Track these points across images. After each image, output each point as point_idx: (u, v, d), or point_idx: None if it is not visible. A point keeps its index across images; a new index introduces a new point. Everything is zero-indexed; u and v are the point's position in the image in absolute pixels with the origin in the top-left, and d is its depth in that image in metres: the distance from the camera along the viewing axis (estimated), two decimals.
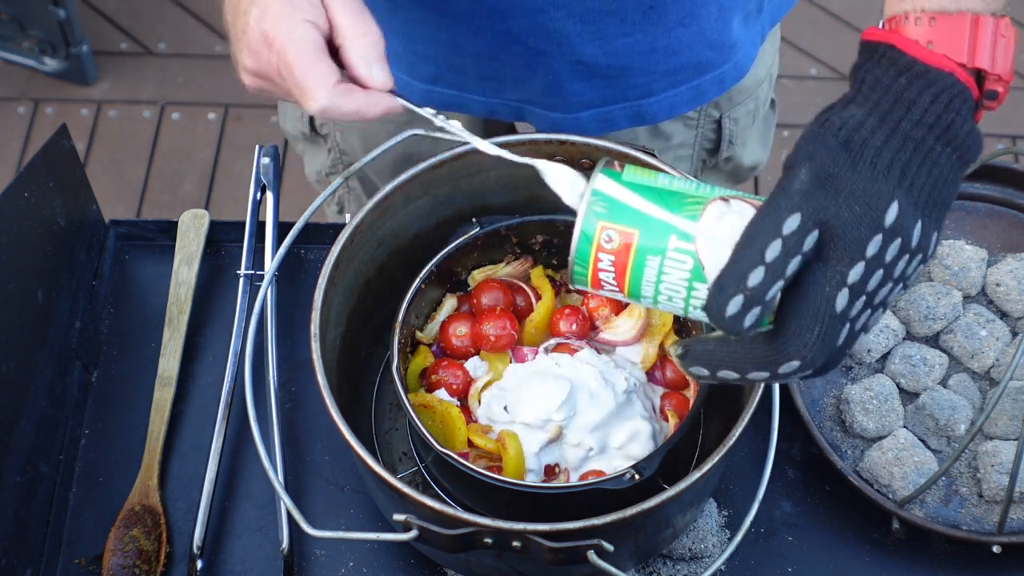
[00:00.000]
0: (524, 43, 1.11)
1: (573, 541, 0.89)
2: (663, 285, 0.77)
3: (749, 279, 0.70)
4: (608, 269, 0.77)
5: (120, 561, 1.10)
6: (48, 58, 2.70)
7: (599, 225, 0.76)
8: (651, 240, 0.76)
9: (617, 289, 0.78)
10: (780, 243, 0.70)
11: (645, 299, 0.78)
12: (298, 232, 1.05)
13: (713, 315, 0.71)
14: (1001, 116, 2.70)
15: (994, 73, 0.77)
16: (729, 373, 0.75)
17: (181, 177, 2.62)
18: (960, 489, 1.13)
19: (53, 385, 1.16)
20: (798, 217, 0.71)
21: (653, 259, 0.76)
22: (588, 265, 0.78)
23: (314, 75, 0.82)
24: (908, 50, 0.75)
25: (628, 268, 0.76)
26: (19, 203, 1.13)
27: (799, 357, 0.72)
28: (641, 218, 0.76)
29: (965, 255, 1.20)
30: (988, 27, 0.77)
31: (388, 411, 1.16)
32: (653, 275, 0.76)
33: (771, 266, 0.70)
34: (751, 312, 0.71)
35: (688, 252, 0.75)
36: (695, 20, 1.13)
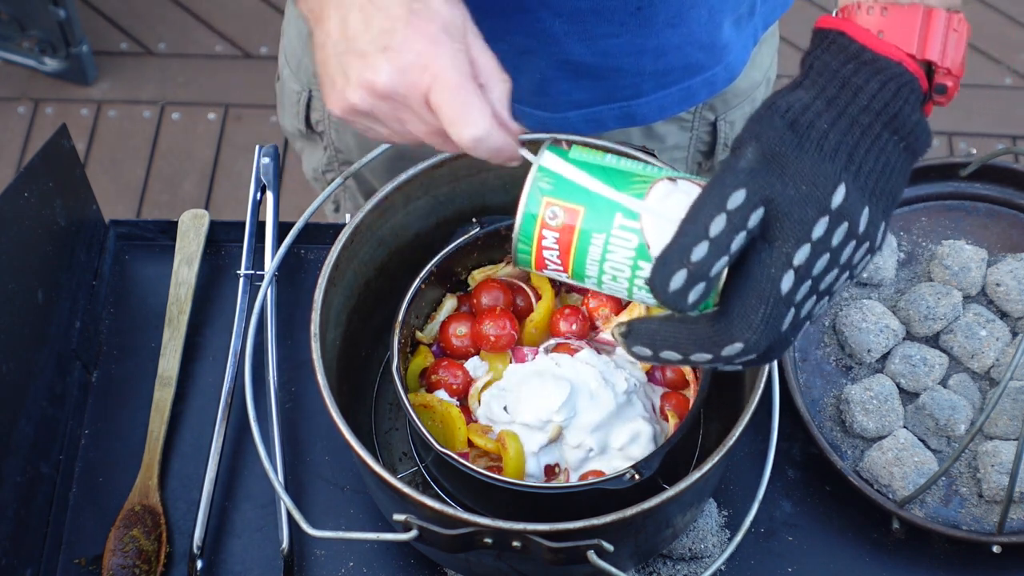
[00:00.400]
0: (510, 41, 1.11)
1: (573, 541, 0.89)
2: (607, 264, 0.75)
3: (693, 253, 0.69)
4: (552, 247, 0.76)
5: (120, 561, 1.10)
6: (48, 58, 2.70)
7: (544, 201, 0.76)
8: (596, 217, 0.75)
9: (561, 268, 0.77)
10: (725, 218, 0.70)
11: (589, 279, 0.76)
12: (298, 232, 1.05)
13: (656, 289, 0.70)
14: (1001, 116, 2.71)
15: (943, 67, 0.77)
16: (672, 354, 0.74)
17: (181, 177, 2.62)
18: (960, 489, 1.13)
19: (53, 385, 1.16)
20: (743, 193, 0.70)
21: (598, 236, 0.75)
22: (532, 243, 0.77)
23: (476, 102, 0.78)
24: (858, 37, 0.75)
25: (572, 246, 0.75)
26: (19, 203, 1.13)
27: (742, 339, 0.71)
28: (587, 195, 0.75)
29: (965, 255, 1.20)
30: (940, 20, 0.77)
31: (388, 411, 1.17)
32: (598, 253, 0.75)
33: (715, 240, 0.69)
34: (695, 287, 0.70)
35: (633, 230, 0.74)
36: (684, 22, 1.13)
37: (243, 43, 2.83)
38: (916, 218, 1.26)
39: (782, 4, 1.27)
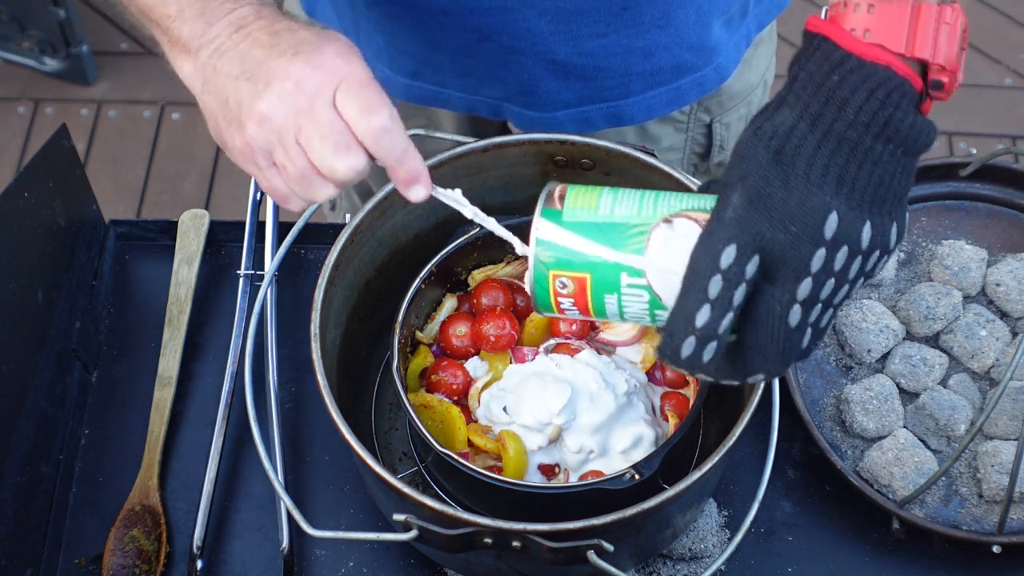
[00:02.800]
0: (497, 41, 1.12)
1: (573, 541, 0.89)
2: (627, 313, 0.77)
3: (697, 320, 0.71)
4: (571, 308, 0.78)
5: (120, 561, 1.10)
6: (48, 58, 2.70)
7: (550, 274, 0.77)
8: (604, 281, 0.76)
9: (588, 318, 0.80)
10: (720, 278, 0.71)
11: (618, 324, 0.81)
12: (298, 232, 1.05)
13: (669, 360, 0.72)
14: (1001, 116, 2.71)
15: (936, 63, 0.74)
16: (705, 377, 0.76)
17: (181, 177, 2.62)
18: (960, 489, 1.13)
19: (53, 385, 1.16)
20: (734, 248, 0.71)
21: (611, 296, 0.77)
22: (551, 306, 0.79)
23: (384, 97, 0.80)
24: (842, 43, 0.73)
25: (589, 306, 0.77)
26: (19, 203, 1.13)
27: (763, 371, 0.74)
28: (589, 262, 0.76)
29: (965, 255, 1.20)
30: (930, 14, 0.74)
31: (388, 411, 1.16)
32: (615, 308, 0.77)
33: (716, 302, 0.71)
34: (706, 349, 0.72)
35: (642, 287, 0.76)
36: (672, 23, 1.13)
37: None
38: (916, 218, 1.26)
39: (777, 5, 1.27)
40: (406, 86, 1.20)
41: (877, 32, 0.73)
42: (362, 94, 0.80)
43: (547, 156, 1.08)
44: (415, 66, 1.18)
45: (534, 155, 1.08)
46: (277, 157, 0.81)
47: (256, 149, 0.81)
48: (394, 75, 1.19)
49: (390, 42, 1.17)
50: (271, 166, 0.82)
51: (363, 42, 1.19)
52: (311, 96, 0.79)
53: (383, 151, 0.80)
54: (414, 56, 1.17)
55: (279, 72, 0.79)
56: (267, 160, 0.82)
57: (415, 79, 1.19)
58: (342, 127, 0.79)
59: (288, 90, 0.79)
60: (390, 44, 1.17)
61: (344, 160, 0.79)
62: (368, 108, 0.79)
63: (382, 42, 1.17)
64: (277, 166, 0.82)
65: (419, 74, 1.19)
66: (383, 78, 1.20)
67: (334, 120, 0.79)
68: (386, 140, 0.80)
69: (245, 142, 0.81)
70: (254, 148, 0.81)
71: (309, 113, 0.79)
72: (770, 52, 1.34)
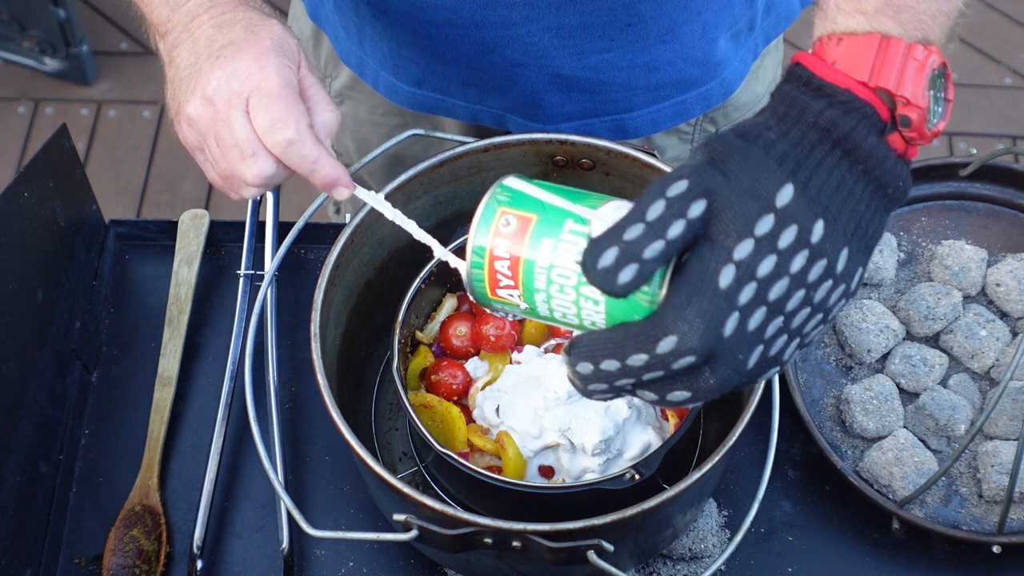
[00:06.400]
0: (501, 54, 1.12)
1: (573, 541, 0.89)
2: (554, 271, 0.74)
3: (626, 233, 0.68)
4: (504, 257, 0.76)
5: (120, 561, 1.10)
6: (48, 58, 2.70)
7: (499, 211, 0.76)
8: (548, 223, 0.75)
9: (512, 284, 0.76)
10: (663, 203, 0.68)
11: (539, 292, 0.75)
12: (298, 232, 1.05)
13: (586, 267, 0.69)
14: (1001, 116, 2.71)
15: (900, 94, 0.74)
16: (611, 363, 0.71)
17: (181, 177, 2.62)
18: (960, 489, 1.13)
19: (53, 385, 1.16)
20: (685, 183, 0.69)
21: (548, 242, 0.74)
22: (484, 255, 0.76)
23: (293, 110, 0.84)
24: (810, 66, 0.74)
25: (523, 254, 0.75)
26: (19, 203, 1.13)
27: (675, 331, 0.68)
28: (541, 205, 0.76)
29: (965, 255, 1.20)
30: (898, 48, 0.75)
31: (388, 411, 1.17)
32: (545, 260, 0.74)
33: (651, 224, 0.68)
34: (626, 268, 0.68)
35: (581, 234, 0.73)
36: (677, 38, 1.13)
37: None
38: (916, 218, 1.26)
39: (785, 18, 1.26)
40: (410, 94, 1.20)
41: (842, 61, 0.75)
42: (271, 107, 0.84)
43: (547, 156, 1.08)
44: (419, 75, 1.18)
45: (534, 155, 1.08)
46: (204, 155, 0.89)
47: (189, 145, 0.90)
48: (398, 82, 1.19)
49: (395, 50, 1.17)
50: (204, 160, 0.90)
51: (368, 49, 1.19)
52: (225, 105, 0.86)
53: (292, 163, 0.85)
54: (418, 65, 1.17)
55: (203, 77, 0.87)
56: (200, 155, 0.90)
57: (419, 87, 1.19)
58: (251, 137, 0.85)
59: (208, 96, 0.86)
60: (395, 52, 1.17)
61: (252, 168, 0.85)
62: (275, 122, 0.84)
63: (387, 50, 1.17)
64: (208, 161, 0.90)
65: (423, 82, 1.19)
66: (388, 85, 1.20)
67: (244, 129, 0.85)
68: (292, 153, 0.84)
69: (183, 136, 0.90)
70: (188, 144, 0.90)
71: (224, 121, 0.86)
72: (776, 62, 1.34)
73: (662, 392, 0.71)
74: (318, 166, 0.85)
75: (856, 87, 0.73)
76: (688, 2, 1.10)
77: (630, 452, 1.00)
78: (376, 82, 1.21)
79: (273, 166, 0.85)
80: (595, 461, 0.99)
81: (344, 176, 0.87)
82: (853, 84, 0.74)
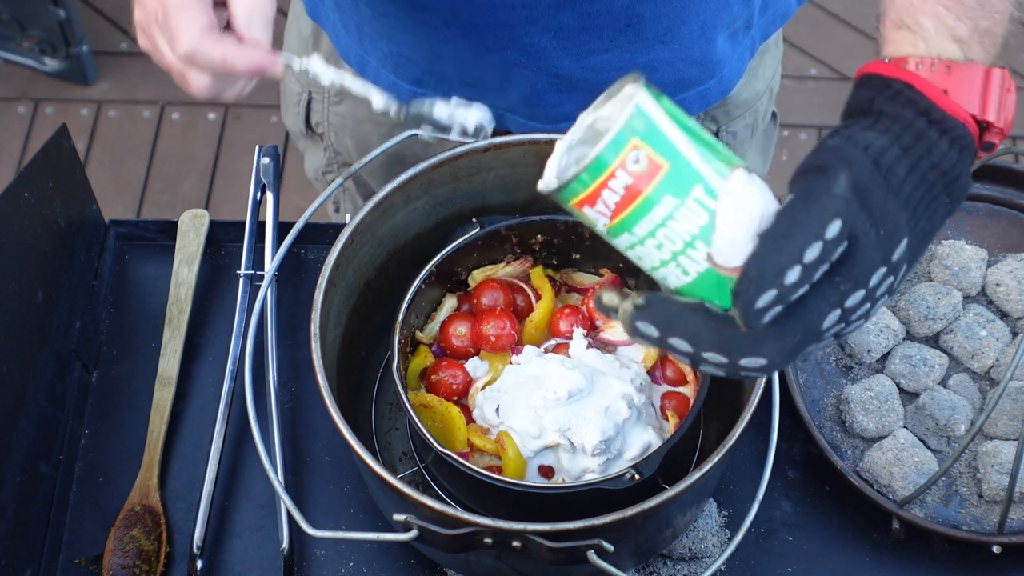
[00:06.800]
0: (501, 55, 1.12)
1: (573, 541, 0.89)
2: (663, 230, 0.71)
3: (787, 276, 0.67)
4: (617, 191, 0.70)
5: (120, 561, 1.10)
6: (48, 58, 2.70)
7: (632, 142, 0.70)
8: (677, 180, 0.70)
9: (609, 215, 0.71)
10: (820, 247, 0.68)
11: (632, 236, 0.72)
12: (298, 232, 1.05)
13: (743, 301, 0.68)
14: None
15: (998, 126, 0.76)
16: (683, 344, 0.71)
17: (181, 177, 2.62)
18: (960, 489, 1.13)
19: (53, 385, 1.16)
20: (839, 224, 0.68)
21: (671, 200, 0.70)
22: (598, 177, 0.71)
23: (185, 17, 0.83)
24: (927, 93, 0.74)
25: (640, 197, 0.70)
26: (19, 203, 1.13)
27: (768, 358, 0.70)
28: (675, 154, 0.70)
29: (965, 255, 1.20)
30: (997, 80, 0.77)
31: (388, 411, 1.17)
32: (661, 216, 0.71)
33: (807, 268, 0.68)
34: (774, 310, 0.68)
35: (708, 208, 0.70)
36: (676, 38, 1.13)
37: None
38: None
39: (782, 15, 1.26)
40: (410, 92, 1.20)
41: (954, 92, 0.75)
42: (167, 23, 0.84)
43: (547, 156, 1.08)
44: (419, 74, 1.18)
45: (534, 155, 1.08)
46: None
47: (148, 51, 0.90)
48: (399, 81, 1.20)
49: (395, 50, 1.17)
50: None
51: (368, 47, 1.19)
52: (149, 24, 0.87)
53: (208, 69, 0.84)
54: (418, 64, 1.17)
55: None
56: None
57: (419, 86, 1.19)
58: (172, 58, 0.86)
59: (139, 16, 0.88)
60: (395, 52, 1.17)
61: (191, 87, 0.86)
62: (172, 39, 0.84)
63: (387, 49, 1.17)
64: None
65: (423, 82, 1.19)
66: (388, 83, 1.20)
67: (166, 53, 0.86)
68: (201, 61, 0.84)
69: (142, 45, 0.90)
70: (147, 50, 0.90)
71: (150, 37, 0.87)
72: (776, 60, 1.34)
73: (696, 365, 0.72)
74: (229, 63, 0.83)
75: (969, 121, 0.75)
76: (686, 3, 1.10)
77: (630, 452, 1.00)
78: (376, 80, 1.21)
79: (204, 78, 0.85)
80: (595, 461, 0.99)
81: (264, 59, 0.84)
82: (967, 118, 0.75)
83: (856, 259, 0.69)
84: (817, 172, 0.71)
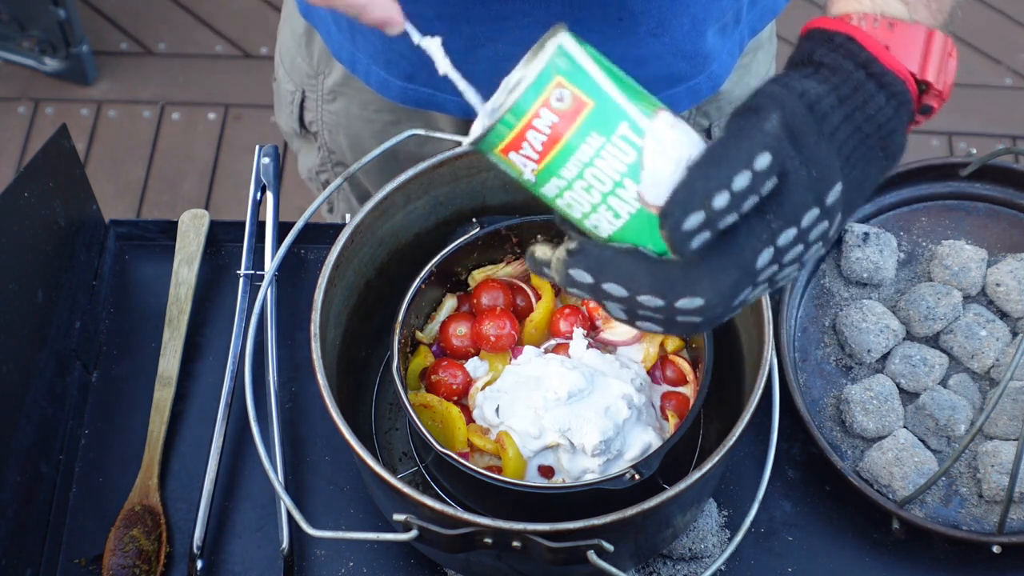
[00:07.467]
0: (491, 48, 1.12)
1: (573, 541, 0.89)
2: (591, 170, 0.70)
3: (715, 200, 0.67)
4: (542, 131, 0.70)
5: (120, 561, 1.10)
6: (48, 58, 2.70)
7: (556, 80, 0.70)
8: (602, 118, 0.70)
9: (535, 159, 0.71)
10: (750, 176, 0.68)
11: (560, 180, 0.71)
12: (298, 232, 1.05)
13: (669, 222, 0.68)
14: (1001, 116, 2.71)
15: (937, 88, 0.77)
16: (617, 288, 0.71)
17: (181, 177, 2.62)
18: (960, 489, 1.13)
19: (53, 385, 1.16)
20: (769, 157, 0.68)
21: (596, 138, 0.70)
22: (523, 117, 0.70)
23: None
24: (868, 46, 0.75)
25: (565, 138, 0.70)
26: (19, 203, 1.13)
27: (705, 297, 0.69)
28: (599, 92, 0.70)
29: (965, 255, 1.20)
30: (939, 42, 0.77)
31: (388, 411, 1.17)
32: (587, 155, 0.70)
33: (736, 196, 0.68)
34: (700, 235, 0.68)
35: (635, 145, 0.70)
36: (667, 31, 1.13)
37: (243, 43, 2.83)
38: (916, 218, 1.26)
39: (771, 10, 1.26)
40: (402, 88, 1.20)
41: (896, 49, 0.76)
42: None
43: None
44: (410, 69, 1.18)
45: None
46: None
47: None
48: (390, 77, 1.20)
49: (386, 45, 1.17)
50: None
51: (360, 44, 1.19)
52: None
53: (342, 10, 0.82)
54: (409, 59, 1.17)
55: None
56: None
57: (410, 82, 1.19)
58: None
59: None
60: (386, 47, 1.17)
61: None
62: None
63: (378, 45, 1.17)
64: None
65: (414, 77, 1.19)
66: (379, 80, 1.20)
67: None
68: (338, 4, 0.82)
69: None
70: None
71: None
72: (770, 56, 1.34)
73: (633, 317, 0.72)
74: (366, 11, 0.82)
75: (908, 79, 0.75)
76: None
77: (630, 453, 1.00)
78: (368, 77, 1.21)
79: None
80: (595, 461, 0.99)
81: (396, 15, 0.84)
82: (907, 76, 0.75)
83: (786, 195, 0.69)
84: (749, 112, 0.71)
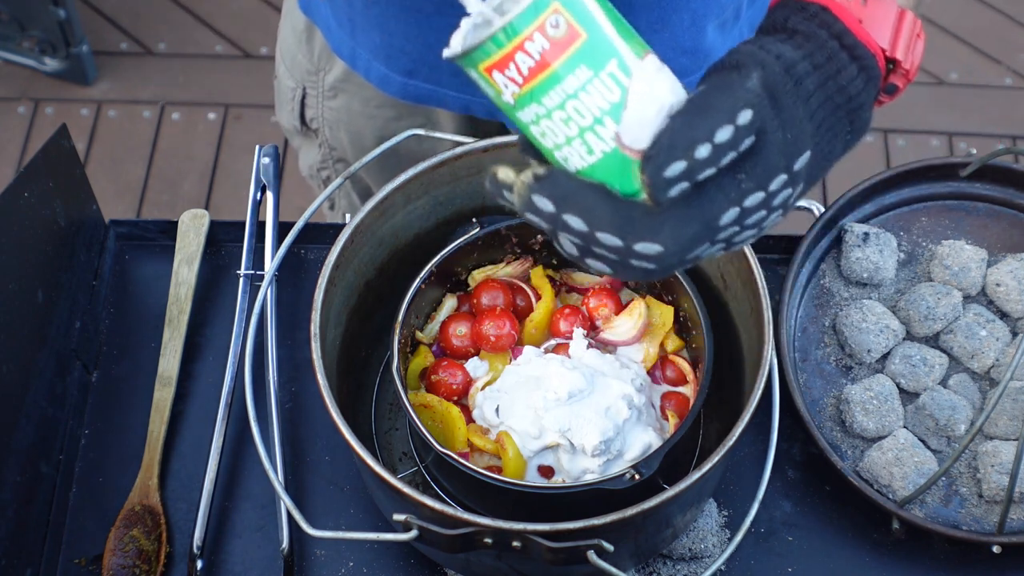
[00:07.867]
0: None
1: (573, 541, 0.89)
2: (574, 102, 0.70)
3: (697, 151, 0.67)
4: (532, 55, 0.69)
5: (120, 561, 1.10)
6: (48, 58, 2.70)
7: (553, 6, 0.69)
8: (593, 52, 0.69)
9: (519, 82, 0.70)
10: (732, 131, 0.68)
11: (540, 107, 0.70)
12: (298, 232, 1.05)
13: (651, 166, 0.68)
14: (1001, 116, 2.71)
15: (904, 67, 0.77)
16: (577, 221, 0.70)
17: (181, 177, 2.62)
18: (960, 489, 1.13)
19: (53, 385, 1.16)
20: (751, 113, 0.68)
21: (584, 71, 0.69)
22: (515, 38, 0.70)
23: None
24: (843, 18, 0.75)
25: (553, 66, 0.69)
26: (19, 203, 1.13)
27: (664, 244, 0.69)
28: (594, 25, 0.70)
29: (965, 255, 1.20)
30: (909, 22, 0.78)
31: (388, 411, 1.17)
32: (573, 87, 0.69)
33: (717, 148, 0.68)
34: (679, 185, 0.68)
35: (621, 84, 0.70)
36: (667, 27, 1.13)
37: (243, 43, 2.84)
38: (916, 218, 1.26)
39: None
40: (402, 84, 1.20)
41: (868, 24, 0.76)
42: None
43: None
44: (411, 65, 1.18)
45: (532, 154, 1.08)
46: None
47: None
48: (390, 73, 1.20)
49: (386, 40, 1.17)
50: None
51: (360, 40, 1.19)
52: None
53: None
54: (409, 55, 1.17)
55: None
56: None
57: (411, 77, 1.20)
58: None
59: None
60: (386, 42, 1.17)
61: None
62: None
63: (379, 40, 1.18)
64: None
65: (415, 72, 1.19)
66: (380, 75, 1.20)
67: None
68: None
69: None
70: None
71: None
72: None
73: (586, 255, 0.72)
74: None
75: (879, 54, 0.75)
76: None
77: (630, 453, 1.00)
78: (368, 73, 1.21)
79: None
80: (595, 462, 0.99)
81: None
82: (877, 51, 0.75)
83: (761, 156, 0.69)
84: (731, 68, 0.71)
